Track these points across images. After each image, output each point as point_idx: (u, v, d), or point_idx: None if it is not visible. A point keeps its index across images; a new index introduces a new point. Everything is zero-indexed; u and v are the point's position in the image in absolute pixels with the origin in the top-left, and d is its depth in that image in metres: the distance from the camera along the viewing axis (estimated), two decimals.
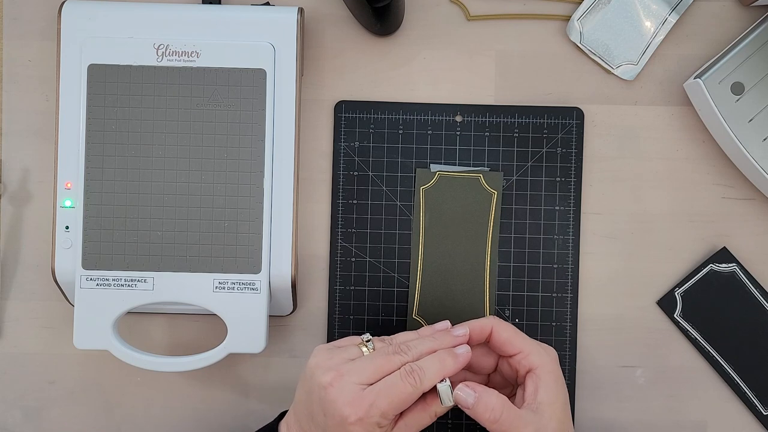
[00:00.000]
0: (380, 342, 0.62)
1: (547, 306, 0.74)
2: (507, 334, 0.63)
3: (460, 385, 0.60)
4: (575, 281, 0.74)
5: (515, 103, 0.75)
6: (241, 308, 0.69)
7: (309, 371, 0.61)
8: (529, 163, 0.74)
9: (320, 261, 0.75)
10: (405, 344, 0.61)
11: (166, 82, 0.69)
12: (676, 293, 0.74)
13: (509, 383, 0.66)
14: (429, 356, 0.60)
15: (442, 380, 0.60)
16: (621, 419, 0.74)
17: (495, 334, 0.63)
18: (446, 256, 0.74)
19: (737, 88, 0.71)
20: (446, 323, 0.64)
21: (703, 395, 0.74)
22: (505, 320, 0.74)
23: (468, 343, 0.63)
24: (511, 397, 0.64)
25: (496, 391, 0.60)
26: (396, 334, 0.64)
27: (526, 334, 0.64)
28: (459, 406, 0.61)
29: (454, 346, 0.62)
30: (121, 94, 0.69)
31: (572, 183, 0.74)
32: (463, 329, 0.63)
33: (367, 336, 0.62)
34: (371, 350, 0.61)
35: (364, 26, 0.74)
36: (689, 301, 0.74)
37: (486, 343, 0.65)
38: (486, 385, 0.66)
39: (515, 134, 0.74)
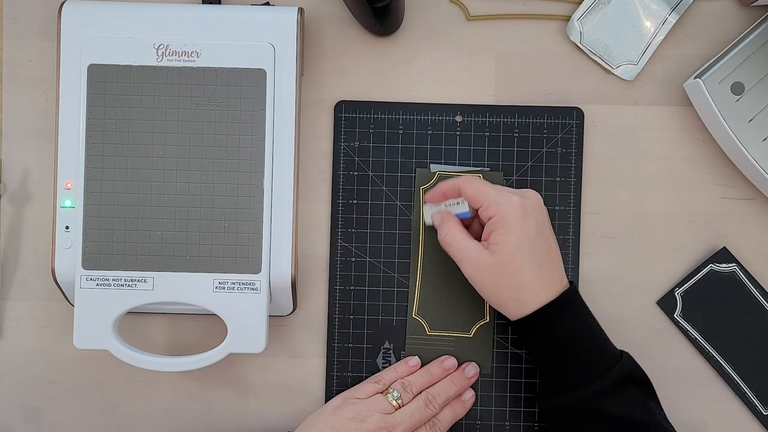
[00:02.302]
0: (402, 389, 0.70)
1: None
2: (471, 191, 0.68)
3: (434, 212, 0.71)
4: (575, 281, 0.74)
5: (515, 103, 0.75)
6: (241, 308, 0.69)
7: (343, 421, 0.67)
8: (529, 163, 0.74)
9: (320, 261, 0.75)
10: (432, 395, 0.70)
11: (166, 82, 0.69)
12: (676, 293, 0.74)
13: None
14: (446, 408, 0.71)
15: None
16: None
17: (462, 192, 0.69)
18: (446, 256, 0.74)
19: (737, 88, 0.71)
20: (453, 361, 0.73)
21: (703, 395, 0.74)
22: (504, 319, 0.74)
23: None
24: None
25: (452, 220, 0.69)
26: (403, 366, 0.72)
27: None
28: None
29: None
30: (121, 94, 0.69)
31: (572, 183, 0.74)
32: (474, 369, 0.73)
33: (396, 393, 0.69)
34: (397, 399, 0.69)
35: (364, 26, 0.74)
36: (689, 301, 0.74)
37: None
38: None
39: (515, 134, 0.74)
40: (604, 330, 0.68)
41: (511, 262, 0.66)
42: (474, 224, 0.71)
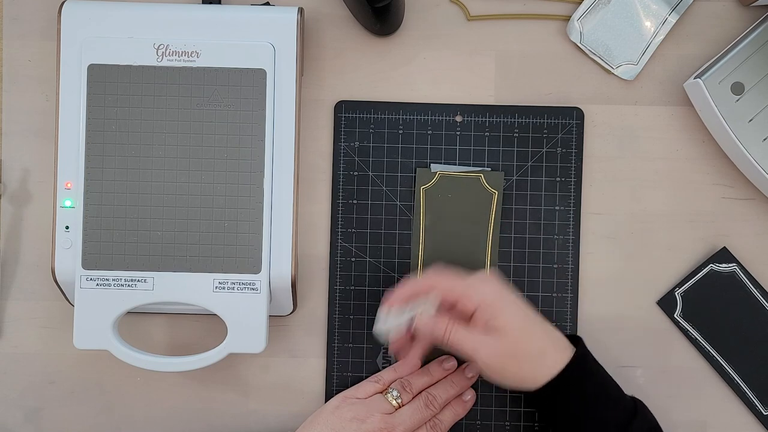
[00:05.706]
0: (401, 388, 0.69)
1: (547, 306, 0.74)
2: (445, 284, 0.67)
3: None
4: (575, 281, 0.74)
5: (515, 103, 0.75)
6: (241, 308, 0.69)
7: (343, 422, 0.67)
8: (529, 163, 0.74)
9: (320, 261, 0.75)
10: (432, 396, 0.70)
11: (166, 82, 0.69)
12: (676, 293, 0.74)
13: None
14: (447, 409, 0.71)
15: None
16: None
17: (436, 288, 0.67)
18: (446, 256, 0.74)
19: (737, 88, 0.71)
20: (453, 361, 0.72)
21: (703, 395, 0.74)
22: None
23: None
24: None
25: (447, 320, 0.66)
26: (402, 366, 0.71)
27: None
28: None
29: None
30: (121, 94, 0.69)
31: (572, 183, 0.74)
32: (474, 370, 0.72)
33: (396, 393, 0.69)
34: (397, 399, 0.69)
35: (364, 26, 0.74)
36: (689, 301, 0.74)
37: None
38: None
39: (515, 134, 0.74)
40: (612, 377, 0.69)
41: (523, 332, 0.65)
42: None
